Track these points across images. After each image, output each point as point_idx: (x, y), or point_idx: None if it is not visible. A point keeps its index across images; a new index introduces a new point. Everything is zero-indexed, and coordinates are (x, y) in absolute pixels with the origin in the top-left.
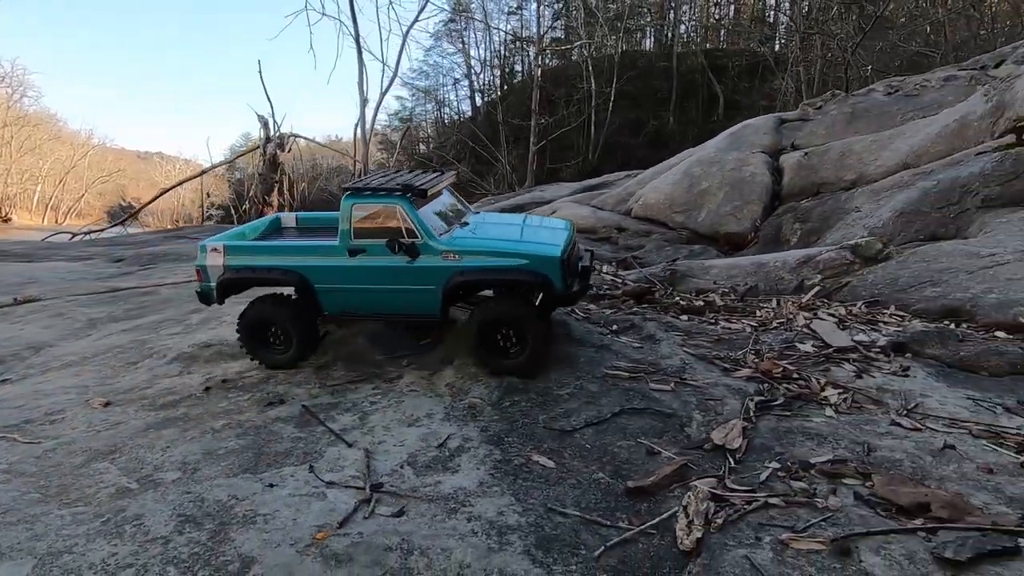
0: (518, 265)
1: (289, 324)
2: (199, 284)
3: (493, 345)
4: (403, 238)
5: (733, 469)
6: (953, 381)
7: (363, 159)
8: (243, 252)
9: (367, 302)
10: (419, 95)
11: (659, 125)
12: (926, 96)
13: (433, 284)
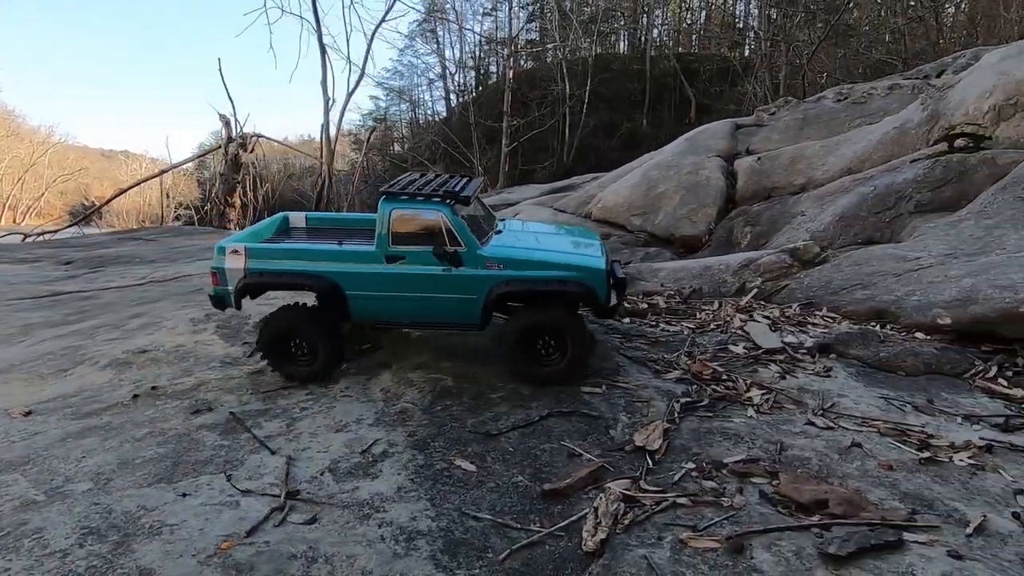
0: (565, 276)
1: (317, 335)
2: (213, 288)
3: (532, 353)
4: (447, 246)
5: (650, 470)
6: (871, 381)
7: (328, 160)
8: (268, 255)
9: (403, 311)
10: (393, 95)
11: (632, 127)
12: (872, 104)
13: (475, 294)
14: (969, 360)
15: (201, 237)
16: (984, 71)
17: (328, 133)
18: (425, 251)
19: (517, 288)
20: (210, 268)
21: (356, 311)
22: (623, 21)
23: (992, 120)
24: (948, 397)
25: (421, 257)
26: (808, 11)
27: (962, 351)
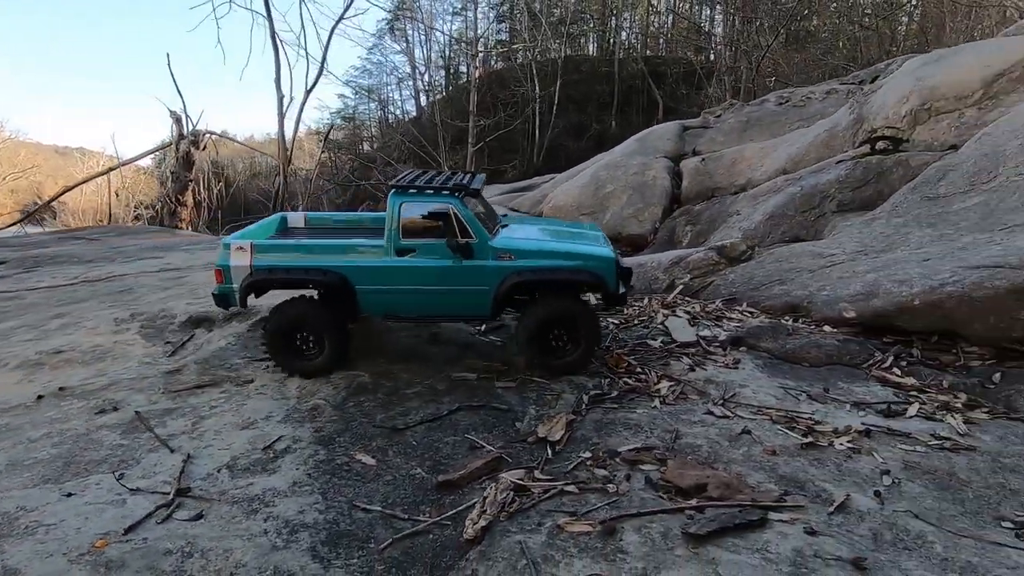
0: (576, 266)
1: (324, 328)
2: (217, 286)
3: (546, 345)
4: (458, 238)
5: (549, 460)
6: (776, 372)
7: (283, 159)
8: (275, 251)
9: (413, 304)
10: (363, 94)
11: (602, 128)
12: (811, 107)
13: (487, 285)
14: (869, 351)
15: (147, 237)
16: (903, 77)
17: (283, 131)
18: (436, 244)
19: (530, 278)
20: (214, 266)
21: (365, 305)
22: (592, 23)
23: (909, 124)
24: (844, 386)
25: (432, 250)
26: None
27: (863, 342)
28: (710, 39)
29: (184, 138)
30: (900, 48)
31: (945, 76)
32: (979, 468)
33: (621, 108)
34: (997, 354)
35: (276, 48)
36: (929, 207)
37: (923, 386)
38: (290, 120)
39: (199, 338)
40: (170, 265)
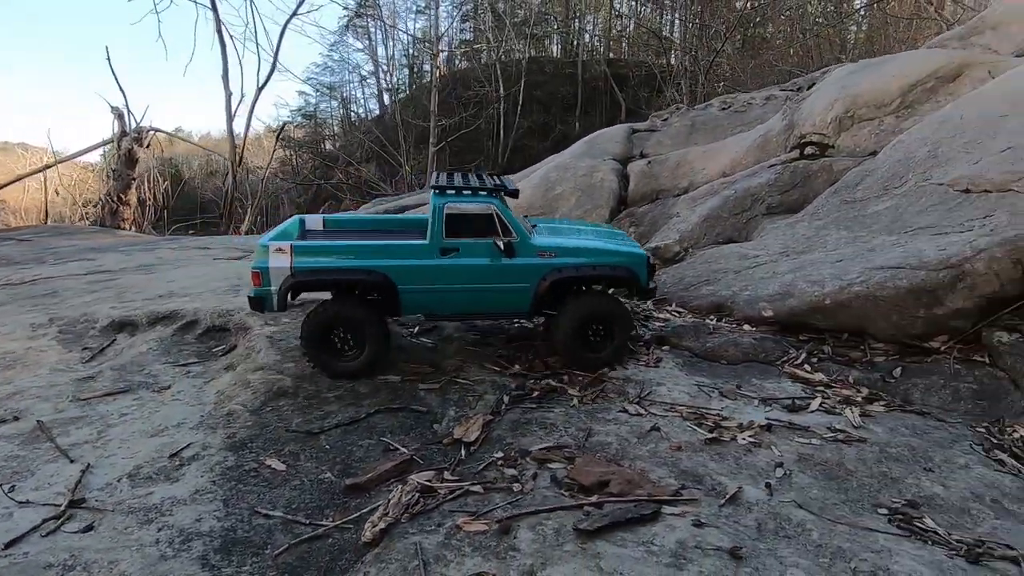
0: (615, 263)
1: (365, 328)
2: (253, 289)
3: (584, 340)
4: (500, 237)
5: (462, 461)
6: (694, 370)
7: (232, 158)
8: (316, 252)
9: (456, 302)
10: (323, 91)
11: (566, 129)
12: (751, 112)
13: (527, 282)
14: (784, 348)
15: (85, 238)
16: (830, 85)
17: (232, 130)
18: (478, 243)
19: (572, 275)
20: (250, 268)
21: (408, 305)
22: (555, 25)
23: (834, 130)
24: (757, 382)
25: (475, 249)
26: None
27: (780, 340)
28: (669, 44)
29: (126, 135)
30: (849, 55)
31: (867, 85)
32: (866, 458)
33: (585, 109)
34: (900, 350)
35: (223, 44)
36: (847, 210)
37: (830, 381)
38: (242, 118)
39: (120, 343)
40: (101, 267)
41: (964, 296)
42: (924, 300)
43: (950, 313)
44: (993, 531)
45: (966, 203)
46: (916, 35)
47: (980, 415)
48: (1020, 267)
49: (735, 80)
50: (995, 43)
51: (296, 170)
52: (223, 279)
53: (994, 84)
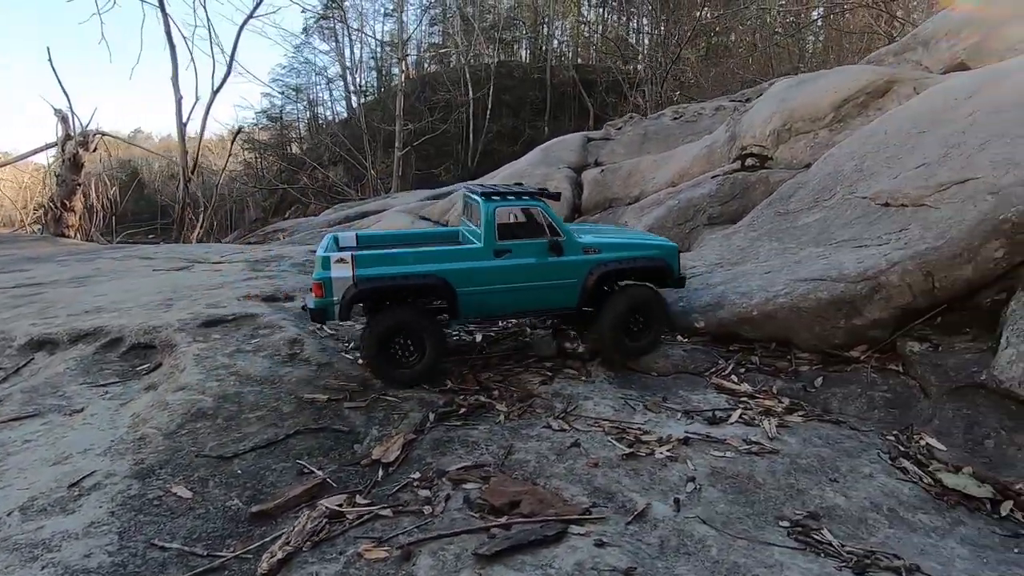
0: (653, 255)
1: (426, 333)
2: (315, 300)
3: (628, 331)
4: (549, 237)
5: (377, 483)
6: (624, 383)
7: (184, 163)
8: (378, 262)
9: (510, 301)
10: (290, 93)
11: (535, 134)
12: (701, 123)
13: (575, 278)
14: (714, 359)
15: (22, 247)
16: (770, 99)
17: (182, 134)
18: (529, 243)
19: (616, 268)
20: (312, 280)
21: (465, 307)
22: (524, 30)
23: (773, 143)
24: (684, 395)
25: (526, 249)
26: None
27: (710, 351)
28: (634, 51)
29: (71, 138)
30: (807, 65)
31: (803, 99)
32: (776, 470)
33: (554, 114)
34: (823, 359)
35: (172, 46)
36: (779, 222)
37: (755, 392)
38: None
39: (37, 363)
40: (32, 279)
41: (880, 307)
42: (844, 311)
43: (868, 324)
44: (885, 541)
45: (885, 217)
46: (868, 47)
47: (892, 423)
48: (931, 280)
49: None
50: (926, 59)
51: (261, 173)
52: (157, 292)
53: (916, 101)
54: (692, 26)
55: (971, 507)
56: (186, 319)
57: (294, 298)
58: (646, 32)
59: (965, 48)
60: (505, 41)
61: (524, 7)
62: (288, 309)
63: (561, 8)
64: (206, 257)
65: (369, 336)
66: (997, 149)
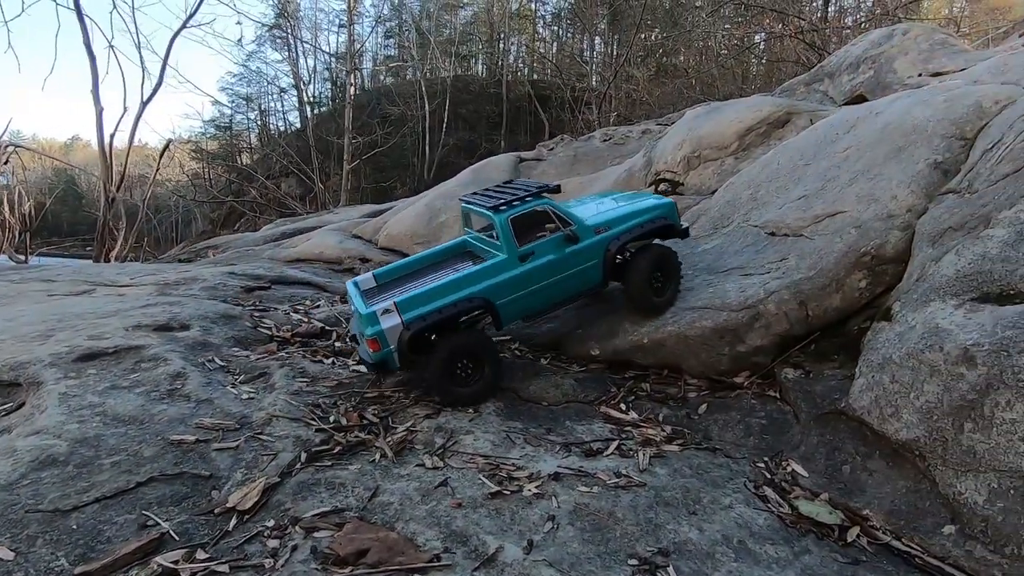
0: (655, 216)
1: (483, 351)
2: (374, 354)
3: (652, 289)
4: (563, 229)
5: (227, 533)
6: (512, 414)
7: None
8: (420, 301)
9: (544, 298)
10: (240, 101)
11: (491, 147)
12: (629, 145)
13: (596, 258)
14: (606, 387)
15: None
16: (681, 126)
17: (103, 147)
18: (548, 240)
19: (628, 239)
20: (367, 337)
21: (506, 317)
22: (480, 45)
23: (684, 169)
24: (569, 425)
25: (546, 247)
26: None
27: (603, 379)
28: (587, 68)
29: None
30: (751, 85)
31: (711, 127)
32: (638, 505)
33: (510, 128)
34: (710, 385)
35: (91, 56)
36: (681, 247)
37: (641, 420)
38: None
39: None
40: None
41: (761, 335)
42: (727, 339)
43: (751, 350)
44: None
45: (770, 246)
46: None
47: (765, 449)
48: (805, 308)
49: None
50: (831, 90)
51: (209, 184)
52: (41, 321)
53: (806, 133)
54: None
55: (821, 534)
56: (61, 353)
57: (189, 327)
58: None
59: (863, 81)
60: (461, 55)
61: (480, 23)
62: (180, 340)
63: (517, 25)
64: (115, 280)
65: (434, 368)
66: (862, 184)
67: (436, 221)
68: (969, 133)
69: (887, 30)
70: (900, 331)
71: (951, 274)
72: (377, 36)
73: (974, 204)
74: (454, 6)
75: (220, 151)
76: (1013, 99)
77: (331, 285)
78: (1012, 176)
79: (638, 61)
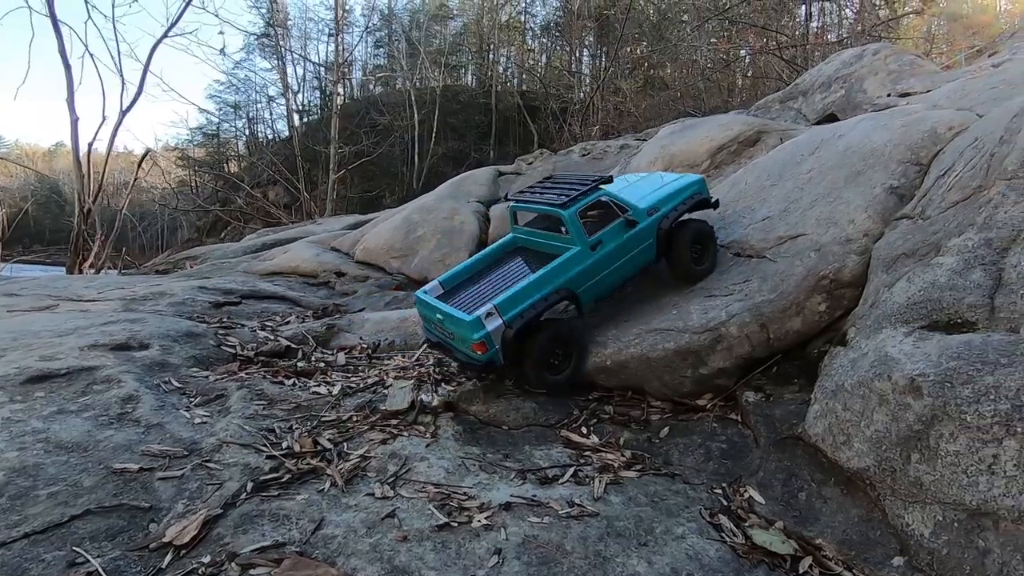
0: (692, 193)
1: (573, 339)
2: (482, 355)
3: (692, 259)
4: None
5: (161, 571)
6: (470, 439)
7: (80, 187)
8: (515, 300)
9: (615, 279)
10: (228, 109)
11: (480, 157)
12: (607, 160)
13: (651, 238)
14: (568, 409)
15: None
16: (654, 143)
17: (78, 157)
18: (611, 228)
19: (675, 216)
20: (474, 341)
21: (585, 303)
22: (470, 56)
23: None
24: (528, 450)
25: (611, 234)
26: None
27: (565, 401)
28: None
29: None
30: (737, 98)
31: (683, 146)
32: (588, 536)
33: (499, 138)
34: (673, 408)
35: (67, 65)
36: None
37: (601, 445)
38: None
39: None
40: None
41: (723, 357)
42: (690, 361)
43: (714, 372)
44: None
45: (736, 266)
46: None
47: (724, 475)
48: (766, 331)
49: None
50: (805, 108)
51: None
52: None
53: (773, 153)
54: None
55: (773, 565)
56: (9, 375)
57: (149, 346)
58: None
59: (834, 100)
60: (451, 66)
61: (470, 34)
62: (137, 360)
63: (506, 37)
64: (81, 295)
65: (534, 357)
66: (822, 207)
67: (413, 235)
68: (924, 159)
69: (858, 50)
70: (853, 357)
71: (902, 301)
72: (367, 45)
73: (926, 231)
74: (444, 17)
75: (207, 158)
76: (966, 126)
77: (304, 299)
78: (961, 204)
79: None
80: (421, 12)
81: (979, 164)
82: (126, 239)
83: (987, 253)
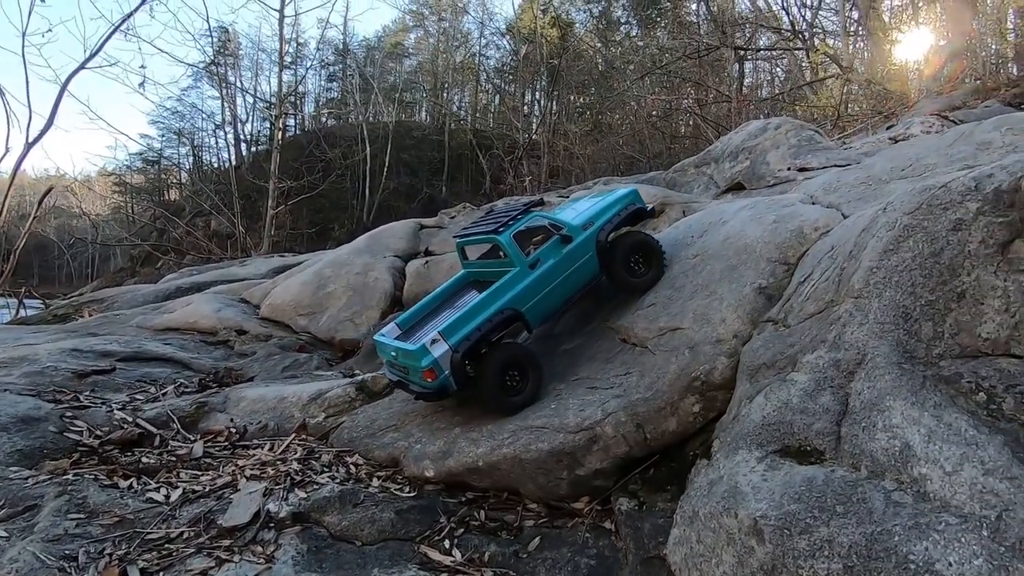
0: (625, 205)
1: (527, 361)
2: (431, 382)
3: (631, 271)
4: (558, 233)
5: None
6: (316, 559)
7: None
8: (459, 325)
9: (558, 296)
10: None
11: (432, 193)
12: None
13: (590, 251)
14: (434, 518)
15: None
16: (567, 206)
17: None
18: (547, 246)
19: (610, 229)
20: (423, 369)
21: (533, 321)
22: (424, 94)
23: None
24: (376, 574)
25: (548, 251)
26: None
27: (431, 507)
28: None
29: None
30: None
31: None
32: None
33: (452, 175)
34: (549, 512)
35: None
36: (541, 346)
37: (462, 563)
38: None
39: None
40: None
41: (600, 458)
42: (565, 462)
43: (591, 474)
44: None
45: (620, 354)
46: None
47: None
48: (642, 431)
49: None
50: (716, 175)
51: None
52: None
53: (669, 230)
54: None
55: None
56: None
57: None
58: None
59: (741, 170)
60: (405, 102)
61: (424, 72)
62: None
63: (460, 77)
64: None
65: (488, 379)
66: (700, 300)
67: (323, 291)
68: (792, 258)
69: (762, 123)
70: (712, 479)
71: (758, 420)
72: (320, 79)
73: (785, 341)
74: (399, 55)
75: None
76: (830, 227)
77: (196, 362)
78: (816, 317)
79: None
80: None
81: (832, 276)
82: (51, 267)
83: (836, 375)
